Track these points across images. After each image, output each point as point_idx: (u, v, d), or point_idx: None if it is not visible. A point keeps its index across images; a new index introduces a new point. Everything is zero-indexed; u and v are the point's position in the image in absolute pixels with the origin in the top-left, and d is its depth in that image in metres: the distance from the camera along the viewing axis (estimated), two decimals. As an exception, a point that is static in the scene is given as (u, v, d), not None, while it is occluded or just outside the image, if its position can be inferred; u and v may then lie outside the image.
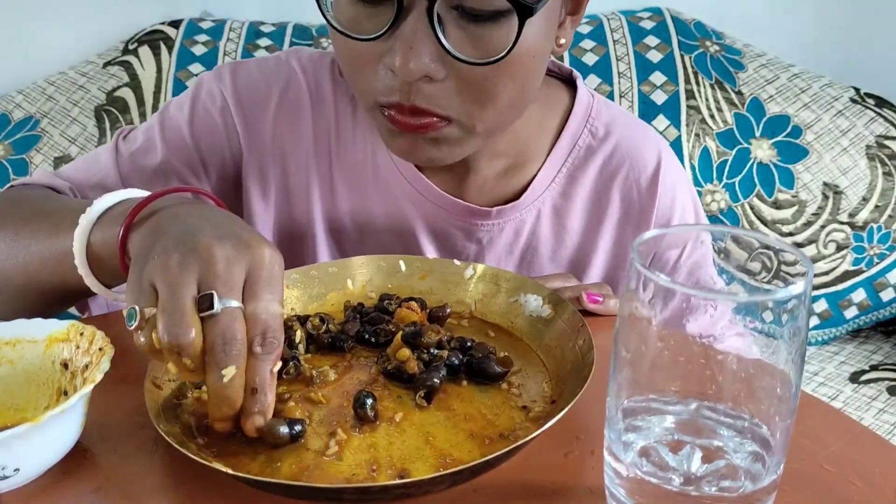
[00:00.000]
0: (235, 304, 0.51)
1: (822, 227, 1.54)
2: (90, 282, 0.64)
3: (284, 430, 0.53)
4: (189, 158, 0.83)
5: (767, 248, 0.46)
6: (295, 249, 0.87)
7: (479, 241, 0.85)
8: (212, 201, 0.64)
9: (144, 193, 0.63)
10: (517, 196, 0.84)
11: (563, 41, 0.73)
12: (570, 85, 0.87)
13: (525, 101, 0.73)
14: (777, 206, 1.54)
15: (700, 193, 1.53)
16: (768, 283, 0.48)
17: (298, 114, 0.84)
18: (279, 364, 0.53)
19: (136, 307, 0.51)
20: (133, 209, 0.59)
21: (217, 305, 0.50)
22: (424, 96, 0.66)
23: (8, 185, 0.83)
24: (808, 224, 1.53)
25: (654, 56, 1.57)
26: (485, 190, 0.84)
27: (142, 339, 0.51)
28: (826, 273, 1.55)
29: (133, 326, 0.51)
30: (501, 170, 0.84)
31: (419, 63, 0.63)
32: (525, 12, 0.62)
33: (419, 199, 0.83)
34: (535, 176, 0.84)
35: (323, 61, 0.87)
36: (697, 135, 1.53)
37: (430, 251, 0.85)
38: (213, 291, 0.50)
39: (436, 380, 0.58)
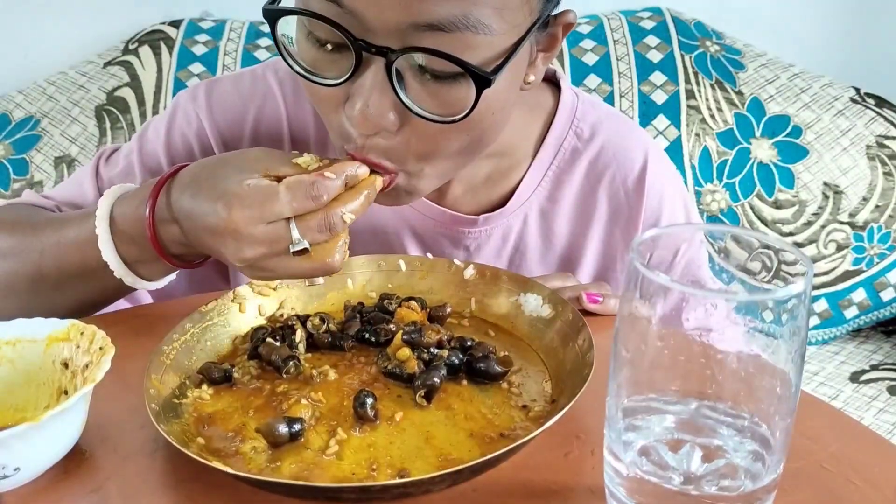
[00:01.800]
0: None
1: (823, 226, 1.54)
2: (112, 257, 0.68)
3: (284, 429, 0.53)
4: None
5: (767, 247, 0.46)
6: None
7: (468, 249, 0.84)
8: None
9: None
10: (503, 201, 0.83)
11: (531, 79, 0.70)
12: (555, 86, 0.86)
13: (481, 148, 0.70)
14: (777, 205, 1.54)
15: (700, 193, 1.53)
16: (768, 282, 0.48)
17: (277, 130, 0.84)
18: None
19: (303, 238, 0.60)
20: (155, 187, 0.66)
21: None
22: (377, 150, 0.64)
23: None
24: (809, 224, 1.53)
25: (655, 56, 1.57)
26: (471, 196, 0.83)
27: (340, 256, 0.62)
28: (826, 273, 1.55)
29: (301, 247, 0.60)
30: (486, 175, 0.83)
31: (375, 117, 0.61)
32: (482, 83, 0.59)
33: (405, 208, 0.82)
34: (520, 180, 0.83)
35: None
36: (697, 135, 1.53)
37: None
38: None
39: (436, 379, 0.58)
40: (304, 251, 0.61)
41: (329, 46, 0.62)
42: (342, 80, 0.61)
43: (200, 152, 0.83)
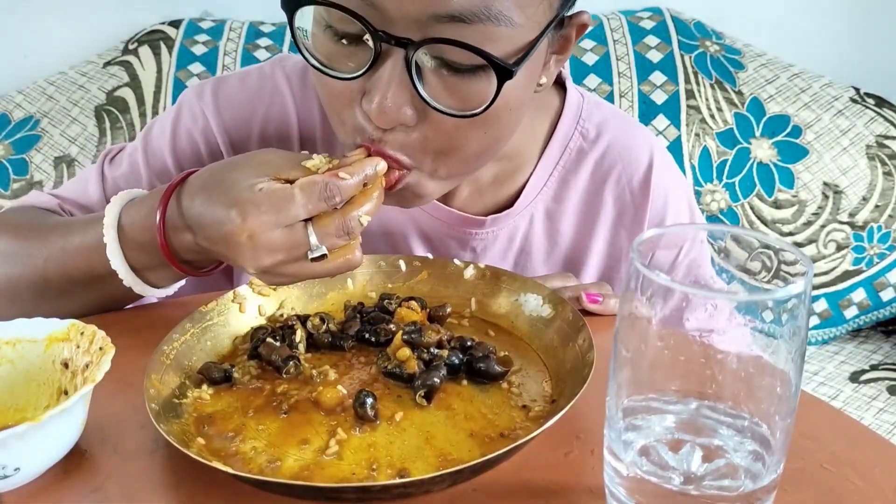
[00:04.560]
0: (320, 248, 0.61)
1: (822, 226, 1.54)
2: (120, 266, 0.68)
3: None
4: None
5: (767, 247, 0.46)
6: None
7: (474, 250, 0.84)
8: None
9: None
10: (510, 202, 0.83)
11: (544, 80, 0.69)
12: (560, 86, 0.86)
13: (496, 150, 0.69)
14: (777, 205, 1.54)
15: (700, 193, 1.53)
16: (768, 282, 0.48)
17: (285, 128, 0.83)
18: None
19: (321, 245, 0.60)
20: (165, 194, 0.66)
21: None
22: (393, 144, 0.64)
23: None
24: (808, 224, 1.53)
25: (654, 56, 1.57)
26: (477, 198, 0.83)
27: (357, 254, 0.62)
28: (826, 273, 1.55)
29: (320, 253, 0.60)
30: (493, 176, 0.83)
31: (393, 111, 0.60)
32: (504, 74, 0.59)
33: (411, 209, 0.82)
34: (527, 181, 0.83)
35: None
36: (697, 135, 1.53)
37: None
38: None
39: (436, 379, 0.58)
40: (323, 256, 0.61)
41: (346, 40, 0.62)
42: (360, 73, 0.60)
43: (207, 151, 0.82)
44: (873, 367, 1.51)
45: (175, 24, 1.60)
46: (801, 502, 0.50)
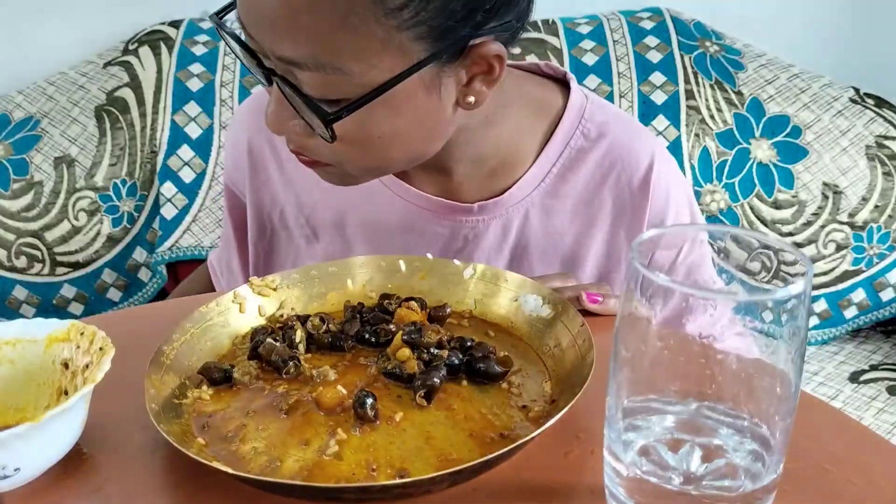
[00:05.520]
0: None
1: (822, 227, 1.54)
2: None
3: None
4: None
5: (767, 247, 0.47)
6: (280, 260, 0.91)
7: (465, 238, 0.84)
8: None
9: None
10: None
11: (470, 99, 0.71)
12: (565, 86, 0.86)
13: (409, 154, 0.75)
14: (777, 206, 1.54)
15: (700, 193, 1.53)
16: (768, 282, 0.48)
17: (265, 165, 0.90)
18: None
19: None
20: None
21: None
22: (296, 145, 0.72)
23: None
24: (808, 224, 1.53)
25: (654, 56, 1.57)
26: (472, 190, 0.84)
27: None
28: (826, 273, 1.55)
29: None
30: (490, 170, 0.83)
31: (277, 124, 0.69)
32: (324, 116, 0.65)
33: (400, 201, 0.84)
34: (523, 175, 0.84)
35: (260, 102, 0.88)
36: (697, 135, 1.53)
37: (418, 251, 0.85)
38: None
39: (436, 379, 0.58)
40: None
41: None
42: (268, 87, 0.69)
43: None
44: (873, 368, 1.51)
45: (175, 24, 1.60)
46: (800, 502, 0.50)
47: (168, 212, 1.48)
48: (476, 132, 0.79)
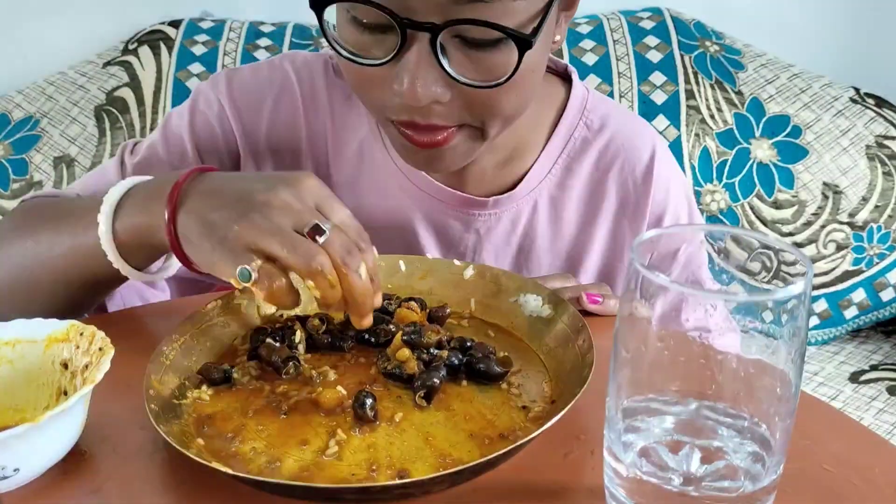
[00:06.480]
0: (329, 223, 0.59)
1: (822, 227, 1.54)
2: (121, 266, 0.67)
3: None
4: (190, 164, 0.84)
5: (767, 248, 0.46)
6: None
7: (478, 232, 0.85)
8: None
9: (146, 178, 0.69)
10: (514, 188, 0.85)
11: (558, 38, 0.73)
12: (566, 80, 0.88)
13: (528, 103, 0.74)
14: (777, 206, 1.54)
15: (700, 193, 1.53)
16: (768, 283, 0.48)
17: (293, 117, 0.85)
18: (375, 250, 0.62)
19: (247, 266, 0.57)
20: (170, 194, 0.63)
21: (325, 227, 0.58)
22: (436, 115, 0.68)
23: (20, 200, 0.85)
24: (808, 224, 1.53)
25: (654, 56, 1.57)
26: (482, 182, 0.85)
27: (276, 283, 0.57)
28: (826, 273, 1.55)
29: (251, 281, 0.57)
30: (498, 162, 0.85)
31: (425, 91, 0.64)
32: (524, 45, 0.63)
33: (416, 191, 0.84)
34: (530, 168, 0.85)
35: (317, 63, 0.87)
36: (697, 135, 1.53)
37: (429, 242, 0.85)
38: (315, 221, 0.58)
39: (436, 380, 0.58)
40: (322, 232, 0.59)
41: (371, 30, 0.65)
42: (388, 59, 0.64)
43: (222, 135, 0.85)
44: (873, 368, 1.51)
45: (175, 24, 1.60)
46: (800, 503, 0.50)
47: (168, 212, 1.47)
48: None
